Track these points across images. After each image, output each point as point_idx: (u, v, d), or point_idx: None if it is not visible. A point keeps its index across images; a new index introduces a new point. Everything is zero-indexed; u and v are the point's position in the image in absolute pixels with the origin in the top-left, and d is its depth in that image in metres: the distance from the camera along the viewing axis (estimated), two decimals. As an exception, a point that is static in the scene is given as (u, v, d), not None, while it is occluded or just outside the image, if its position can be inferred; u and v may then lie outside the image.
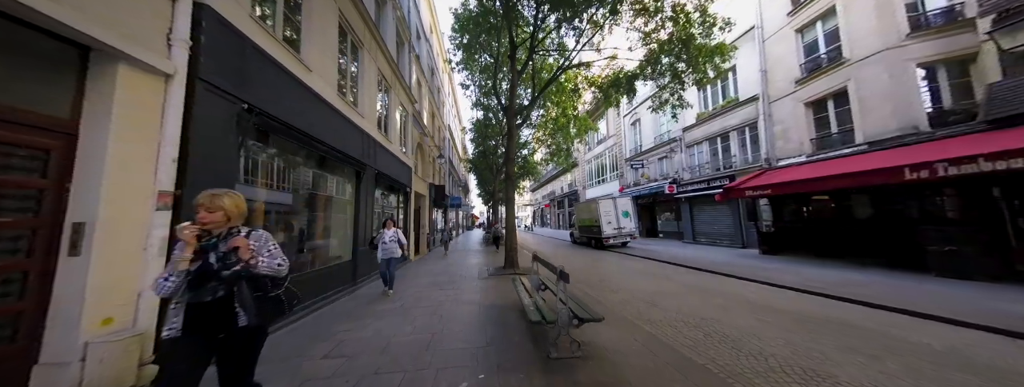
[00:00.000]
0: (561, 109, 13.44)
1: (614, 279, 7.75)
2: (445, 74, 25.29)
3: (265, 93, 4.18)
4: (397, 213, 10.80)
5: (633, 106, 21.78)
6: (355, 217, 6.99)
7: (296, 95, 4.91)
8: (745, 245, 12.87)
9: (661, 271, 8.79)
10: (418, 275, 8.55)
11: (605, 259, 11.74)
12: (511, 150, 9.12)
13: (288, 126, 4.60)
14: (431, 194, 16.53)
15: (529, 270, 8.96)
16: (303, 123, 4.95)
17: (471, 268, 9.66)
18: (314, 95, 5.36)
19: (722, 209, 14.17)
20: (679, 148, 16.79)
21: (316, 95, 5.41)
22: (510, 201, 9.05)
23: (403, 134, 11.81)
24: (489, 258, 12.27)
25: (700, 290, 6.42)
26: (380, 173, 8.41)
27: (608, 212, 15.12)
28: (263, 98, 4.10)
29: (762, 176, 11.12)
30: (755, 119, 12.52)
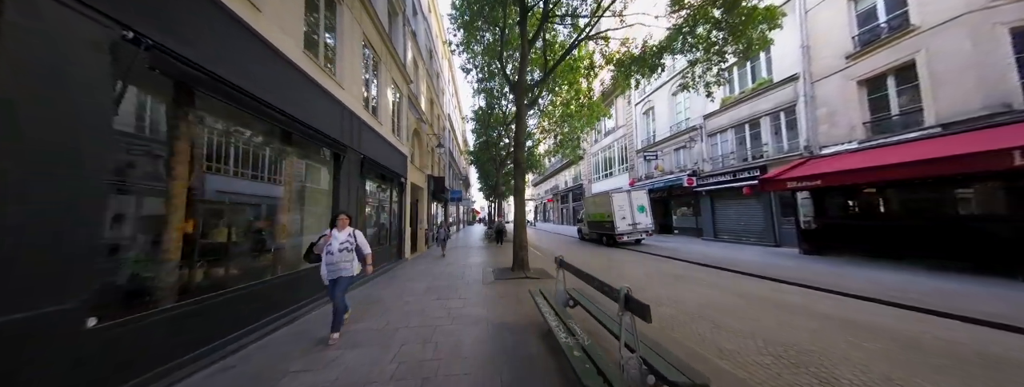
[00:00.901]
0: (573, 92, 12.06)
1: (645, 285, 6.48)
2: (444, 59, 23.83)
3: (178, 27, 2.87)
4: (391, 206, 9.53)
5: (646, 93, 20.36)
6: (334, 208, 5.70)
7: (236, 42, 3.60)
8: (778, 243, 11.58)
9: (695, 274, 7.52)
10: (412, 278, 7.30)
11: (623, 258, 10.48)
12: (520, 133, 7.80)
13: (218, 79, 3.28)
14: (430, 187, 15.24)
15: (541, 272, 7.71)
16: (246, 80, 3.64)
17: (473, 269, 8.40)
18: (266, 45, 4.03)
19: (749, 204, 12.86)
20: (699, 137, 15.42)
21: (269, 46, 4.08)
22: (519, 192, 7.76)
23: (396, 117, 10.48)
24: (493, 256, 11.02)
25: (759, 301, 5.14)
26: (367, 159, 7.11)
27: (622, 206, 13.83)
28: (174, 33, 2.79)
29: (804, 166, 9.79)
30: (792, 102, 11.14)
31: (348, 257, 3.79)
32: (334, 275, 3.73)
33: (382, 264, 8.44)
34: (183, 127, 3.20)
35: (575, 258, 10.91)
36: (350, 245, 3.83)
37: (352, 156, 6.37)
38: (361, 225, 7.53)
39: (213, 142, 3.84)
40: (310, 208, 5.60)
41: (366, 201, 8.45)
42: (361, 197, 7.65)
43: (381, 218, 9.19)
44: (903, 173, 6.87)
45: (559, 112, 15.87)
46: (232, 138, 4.09)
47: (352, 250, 3.83)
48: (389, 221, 9.30)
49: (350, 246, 3.83)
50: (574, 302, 3.90)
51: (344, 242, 3.81)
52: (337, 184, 5.77)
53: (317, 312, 4.80)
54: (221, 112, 3.78)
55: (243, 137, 4.24)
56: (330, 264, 3.73)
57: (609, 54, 10.36)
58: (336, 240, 3.78)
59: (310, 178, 5.60)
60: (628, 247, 13.60)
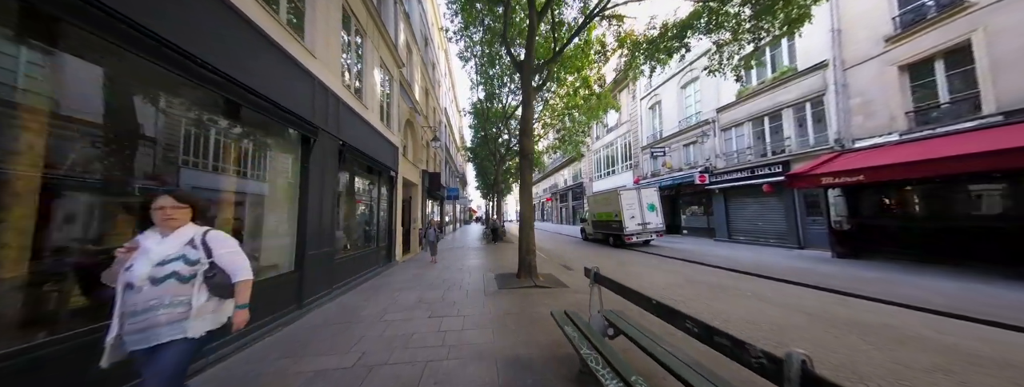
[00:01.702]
0: (580, 80, 11.04)
1: (678, 297, 5.48)
2: (441, 50, 22.72)
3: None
4: (378, 202, 8.45)
5: (653, 87, 19.43)
6: (302, 206, 4.63)
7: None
8: (802, 245, 10.68)
9: (728, 281, 6.54)
10: (402, 286, 6.24)
11: (635, 261, 9.50)
12: (528, 119, 6.77)
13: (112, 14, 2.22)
14: (424, 183, 14.16)
15: (551, 279, 6.65)
16: (163, 25, 2.57)
17: (472, 274, 7.36)
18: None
19: (769, 202, 11.96)
20: (712, 132, 14.50)
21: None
22: (526, 186, 6.73)
23: (386, 104, 9.39)
24: (492, 258, 9.99)
25: (830, 321, 4.17)
26: (349, 147, 6.04)
27: (631, 205, 12.87)
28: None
29: (837, 160, 8.87)
30: (820, 91, 10.23)
31: (180, 295, 1.65)
32: (144, 340, 1.58)
33: (369, 268, 7.37)
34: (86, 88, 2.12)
35: (580, 260, 9.93)
36: (188, 267, 1.69)
37: (327, 142, 5.29)
38: (345, 223, 6.47)
39: (124, 107, 2.75)
40: (272, 203, 4.52)
41: (353, 196, 7.39)
42: (348, 191, 6.58)
43: (368, 216, 8.11)
44: (968, 166, 5.95)
45: (563, 104, 14.90)
46: (154, 108, 3.01)
47: (194, 279, 1.70)
48: (377, 219, 8.22)
49: (188, 270, 1.69)
50: (614, 331, 2.89)
51: (172, 261, 1.67)
52: (306, 174, 4.68)
53: (307, 321, 3.74)
54: (150, 77, 2.71)
55: (170, 108, 3.16)
56: (132, 314, 1.59)
57: (622, 36, 9.36)
58: (146, 257, 1.64)
59: (271, 166, 4.51)
60: (636, 248, 12.65)
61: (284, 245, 4.51)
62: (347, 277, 6.09)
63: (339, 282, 5.67)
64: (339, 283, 5.67)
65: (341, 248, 6.31)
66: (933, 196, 8.09)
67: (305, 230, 4.57)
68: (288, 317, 4.19)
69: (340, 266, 5.77)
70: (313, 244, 4.77)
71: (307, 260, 4.60)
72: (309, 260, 4.65)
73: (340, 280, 5.73)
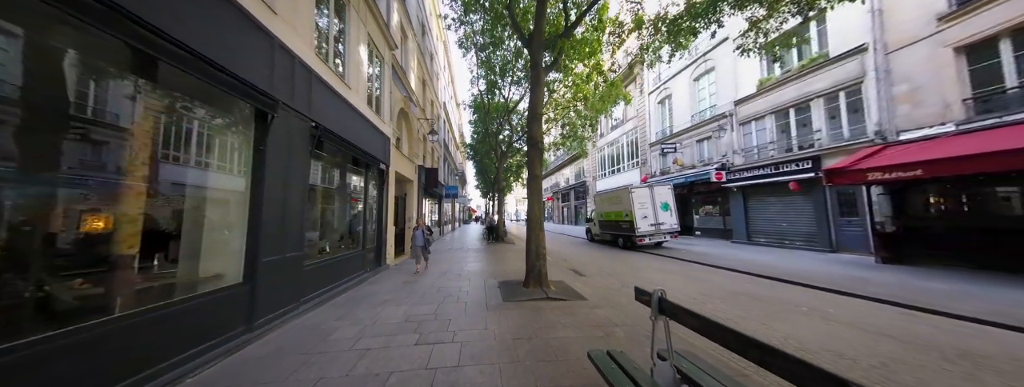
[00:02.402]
0: (589, 67, 10.07)
1: (719, 312, 4.51)
2: (439, 42, 21.73)
3: None
4: (367, 199, 7.46)
5: (662, 80, 18.47)
6: (255, 200, 3.64)
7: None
8: (835, 248, 9.72)
9: (770, 291, 5.57)
10: (388, 298, 5.26)
11: (653, 266, 8.52)
12: (537, 102, 5.79)
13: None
14: (421, 179, 13.18)
15: (565, 289, 5.55)
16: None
17: (471, 282, 6.38)
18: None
19: (794, 201, 11.00)
20: (729, 126, 13.53)
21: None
22: (535, 179, 5.74)
23: (376, 90, 8.41)
24: (493, 262, 9.01)
25: (925, 348, 3.20)
26: (326, 131, 5.06)
27: (643, 204, 11.90)
28: None
29: (881, 154, 7.91)
30: (857, 79, 9.26)
31: None
32: None
33: (353, 274, 6.39)
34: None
35: (591, 264, 8.96)
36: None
37: (294, 122, 4.31)
38: (323, 222, 5.50)
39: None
40: (214, 199, 3.54)
41: (342, 192, 6.40)
42: (326, 184, 5.60)
43: (353, 214, 7.13)
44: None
45: (570, 95, 13.93)
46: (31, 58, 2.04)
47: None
48: (364, 218, 7.24)
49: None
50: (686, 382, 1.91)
51: None
52: (261, 159, 3.69)
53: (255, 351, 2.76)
54: None
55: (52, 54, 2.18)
56: None
57: (639, 14, 8.38)
58: None
59: (213, 148, 3.52)
60: (648, 251, 11.67)
61: (230, 249, 3.52)
62: (323, 286, 5.10)
63: (311, 293, 4.69)
64: (311, 294, 4.69)
65: (315, 252, 5.33)
66: (992, 195, 7.14)
67: (258, 230, 3.58)
68: (232, 344, 3.21)
69: (313, 274, 4.79)
70: (271, 248, 3.78)
71: (262, 268, 3.62)
72: (265, 268, 3.67)
73: (312, 291, 4.75)
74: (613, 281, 6.78)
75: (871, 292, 5.38)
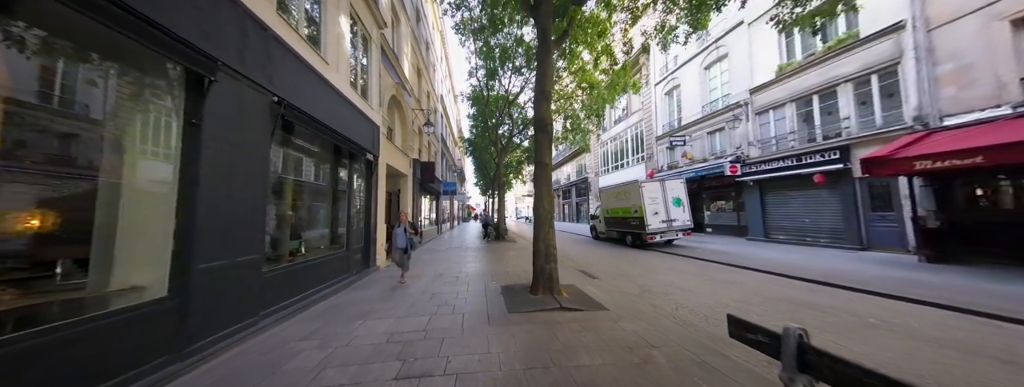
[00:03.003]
0: (599, 50, 9.23)
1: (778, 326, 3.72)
2: (436, 31, 20.84)
3: None
4: (351, 194, 6.63)
5: (669, 70, 17.62)
6: (185, 192, 2.81)
7: None
8: (865, 245, 8.93)
9: (813, 297, 4.77)
10: (371, 309, 4.45)
11: (669, 267, 7.73)
12: (546, 79, 4.95)
13: None
14: (416, 174, 12.35)
15: (578, 296, 4.45)
16: None
17: (470, 286, 5.58)
18: None
19: (820, 195, 10.20)
20: (744, 116, 12.71)
21: None
22: (544, 167, 4.91)
23: (362, 71, 7.56)
24: (494, 262, 8.20)
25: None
26: (293, 109, 4.23)
27: (654, 199, 11.10)
28: None
29: (927, 141, 7.09)
30: (893, 60, 8.44)
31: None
32: None
33: (335, 279, 5.59)
34: None
35: (599, 264, 8.15)
36: None
37: (247, 93, 3.48)
38: (294, 218, 4.69)
39: None
40: (131, 192, 2.72)
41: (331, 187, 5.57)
42: (297, 174, 4.75)
43: (335, 210, 6.30)
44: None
45: (573, 86, 13.09)
46: None
47: None
48: (348, 215, 6.42)
49: None
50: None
51: None
52: (193, 137, 2.85)
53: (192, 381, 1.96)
54: None
55: None
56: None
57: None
58: None
59: (126, 118, 2.69)
60: (659, 249, 10.89)
61: (151, 252, 2.70)
62: (294, 295, 4.29)
63: (276, 304, 3.88)
64: (276, 306, 3.88)
65: (285, 254, 4.51)
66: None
67: (191, 229, 2.76)
68: (149, 380, 2.40)
69: (279, 281, 3.98)
70: (212, 251, 2.97)
71: (198, 277, 2.80)
72: (202, 277, 2.85)
73: (278, 301, 3.94)
74: (629, 284, 5.98)
75: (932, 297, 4.59)
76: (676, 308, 4.47)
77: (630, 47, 8.44)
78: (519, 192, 51.40)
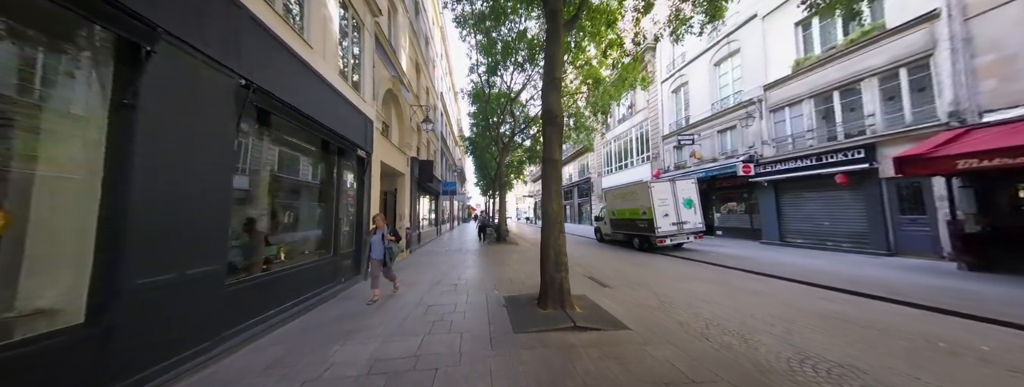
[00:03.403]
0: (608, 41, 8.66)
1: (836, 355, 3.13)
2: (436, 27, 20.30)
3: None
4: (339, 192, 6.06)
5: (676, 67, 17.05)
6: (112, 188, 2.24)
7: None
8: (893, 250, 8.35)
9: (862, 313, 4.19)
10: (353, 327, 3.89)
11: (687, 274, 7.14)
12: (555, 65, 4.39)
13: None
14: (414, 172, 11.79)
15: (595, 312, 3.96)
16: None
17: (470, 297, 5.00)
18: None
19: (841, 197, 9.63)
20: (758, 113, 12.13)
21: None
22: (553, 163, 4.33)
23: (353, 61, 7.01)
24: (494, 266, 7.62)
25: None
26: (267, 96, 3.67)
27: (664, 200, 10.53)
28: None
29: (968, 138, 6.52)
30: (924, 51, 7.87)
31: None
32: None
33: (319, 288, 5.02)
34: None
35: (609, 269, 7.45)
36: None
37: (206, 73, 2.91)
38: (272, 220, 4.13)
39: None
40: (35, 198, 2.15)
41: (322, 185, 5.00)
42: (275, 170, 4.16)
43: (321, 210, 5.74)
44: None
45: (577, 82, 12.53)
46: None
47: None
48: (335, 216, 5.85)
49: None
50: None
51: None
52: (126, 122, 2.28)
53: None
54: None
55: None
56: None
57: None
58: None
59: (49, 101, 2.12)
60: (669, 253, 10.31)
61: (66, 267, 2.12)
62: (266, 309, 3.72)
63: (241, 323, 3.31)
64: (241, 325, 3.31)
65: (256, 262, 3.94)
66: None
67: (119, 236, 2.20)
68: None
69: (247, 295, 3.41)
70: (153, 261, 2.40)
71: (128, 296, 2.24)
72: (136, 295, 2.28)
73: (245, 319, 3.37)
74: (646, 295, 5.40)
75: (994, 312, 4.02)
76: (706, 326, 3.90)
77: (642, 37, 7.85)
78: (519, 192, 50.83)
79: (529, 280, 6.28)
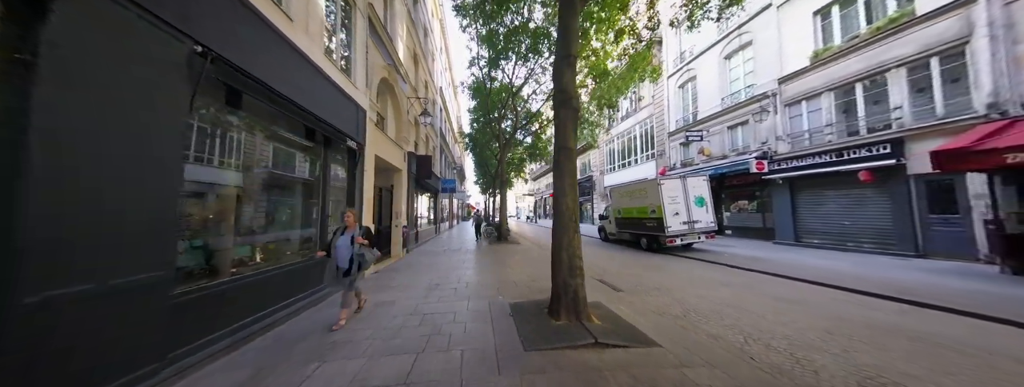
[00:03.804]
0: (606, 37, 8.10)
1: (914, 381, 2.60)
2: (435, 19, 19.67)
3: None
4: (326, 186, 5.49)
5: (684, 61, 16.48)
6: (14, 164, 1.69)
7: None
8: (921, 251, 7.83)
9: (928, 326, 3.66)
10: (334, 345, 3.34)
11: (709, 279, 6.60)
12: (569, 39, 3.83)
13: None
14: (411, 168, 11.23)
15: (614, 325, 3.33)
16: None
17: (471, 302, 4.46)
18: None
19: (864, 195, 9.10)
20: (772, 108, 11.59)
21: None
22: (568, 152, 3.76)
23: (343, 41, 6.43)
24: (496, 267, 7.07)
25: None
26: (235, 71, 3.10)
27: (675, 198, 9.99)
28: None
29: (1014, 130, 5.98)
30: (959, 39, 7.32)
31: None
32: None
33: (303, 293, 4.46)
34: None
35: (620, 271, 6.79)
36: None
37: (145, 33, 2.35)
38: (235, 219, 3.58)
39: None
40: None
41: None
42: (247, 156, 3.58)
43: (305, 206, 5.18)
44: None
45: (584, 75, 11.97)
46: None
47: None
48: (323, 213, 5.29)
49: None
50: None
51: None
52: (20, 81, 1.73)
53: None
54: None
55: None
56: None
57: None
58: None
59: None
60: (680, 253, 9.78)
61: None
62: (232, 321, 3.17)
63: (199, 339, 2.76)
64: (199, 341, 2.76)
65: (221, 265, 3.38)
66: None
67: (11, 230, 1.63)
68: None
69: (205, 304, 2.86)
70: (59, 269, 1.84)
71: (19, 316, 1.67)
72: (31, 315, 1.72)
73: (204, 334, 2.82)
74: (667, 302, 4.86)
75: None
76: (745, 341, 3.36)
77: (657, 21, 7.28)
78: (519, 191, 50.26)
79: (535, 283, 5.73)
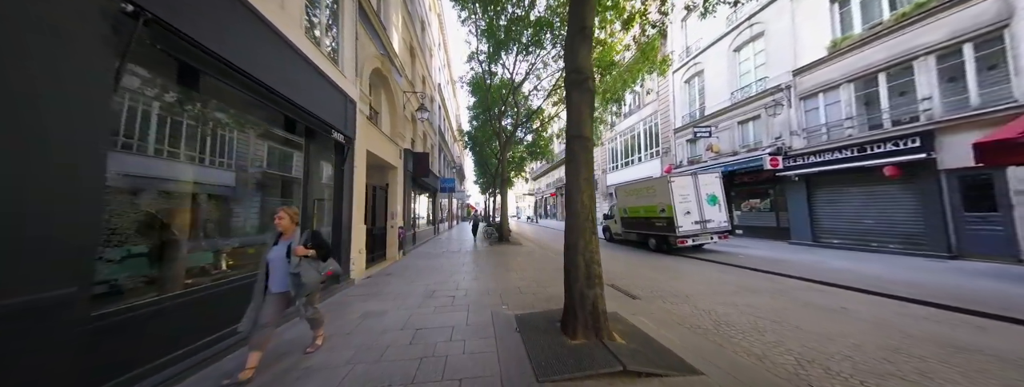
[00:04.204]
0: (613, 24, 7.56)
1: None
2: (433, 13, 19.13)
3: None
4: (310, 183, 4.94)
5: (691, 55, 15.95)
6: None
7: None
8: (954, 252, 7.29)
9: (1010, 345, 3.13)
10: (308, 372, 2.79)
11: (732, 284, 6.04)
12: (586, 9, 3.29)
13: None
14: (407, 165, 10.68)
15: (647, 347, 2.54)
16: None
17: (471, 314, 3.91)
18: None
19: (889, 192, 8.56)
20: (786, 101, 11.05)
21: None
22: (584, 141, 3.23)
23: (327, 23, 5.88)
24: (498, 270, 6.52)
25: None
26: (173, 36, 2.55)
27: (686, 197, 9.46)
28: None
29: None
30: (997, 22, 6.79)
31: None
32: None
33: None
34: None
35: (632, 275, 6.14)
36: None
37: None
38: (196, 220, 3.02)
39: None
40: None
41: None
42: (218, 148, 3.02)
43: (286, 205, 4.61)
44: None
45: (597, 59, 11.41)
46: None
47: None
48: (305, 213, 4.74)
49: None
50: None
51: None
52: None
53: None
54: None
55: None
56: None
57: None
58: None
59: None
60: (691, 255, 9.25)
61: None
62: (180, 346, 2.62)
63: (125, 373, 2.21)
64: (126, 375, 2.20)
65: (174, 275, 2.83)
66: None
67: None
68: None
69: (137, 328, 2.30)
70: None
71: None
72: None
73: (136, 366, 2.27)
74: (692, 312, 4.31)
75: None
76: (798, 363, 2.81)
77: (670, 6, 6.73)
78: (519, 191, 49.71)
79: (542, 290, 5.19)
